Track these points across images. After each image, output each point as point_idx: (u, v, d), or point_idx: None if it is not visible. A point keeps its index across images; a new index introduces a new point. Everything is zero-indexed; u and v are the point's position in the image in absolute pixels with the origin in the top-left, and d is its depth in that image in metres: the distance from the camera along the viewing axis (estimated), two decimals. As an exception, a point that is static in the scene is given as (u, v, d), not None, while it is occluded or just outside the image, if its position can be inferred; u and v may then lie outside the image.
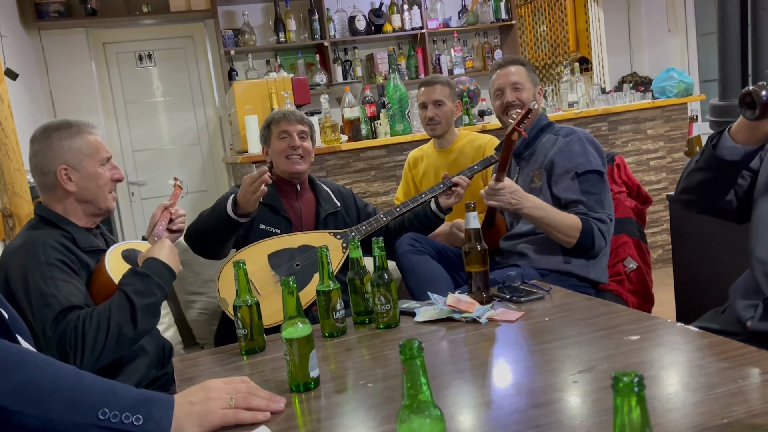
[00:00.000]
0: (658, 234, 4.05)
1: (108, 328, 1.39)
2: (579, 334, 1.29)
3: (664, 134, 4.05)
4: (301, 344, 1.14)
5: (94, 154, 1.59)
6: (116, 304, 1.43)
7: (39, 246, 1.48)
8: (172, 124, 5.17)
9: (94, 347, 1.37)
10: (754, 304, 1.36)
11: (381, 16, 5.18)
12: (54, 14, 4.59)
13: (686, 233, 2.36)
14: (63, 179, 1.55)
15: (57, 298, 1.40)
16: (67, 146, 1.55)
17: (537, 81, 2.19)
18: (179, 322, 2.32)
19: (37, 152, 1.56)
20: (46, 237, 1.51)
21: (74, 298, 1.43)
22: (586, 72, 6.32)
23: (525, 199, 1.90)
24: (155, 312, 1.50)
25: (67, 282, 1.45)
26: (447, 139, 2.59)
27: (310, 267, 1.98)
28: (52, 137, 1.55)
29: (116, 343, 1.41)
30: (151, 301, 1.47)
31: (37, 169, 1.57)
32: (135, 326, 1.43)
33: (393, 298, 1.47)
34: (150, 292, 1.47)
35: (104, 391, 0.97)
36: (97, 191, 1.59)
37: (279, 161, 2.16)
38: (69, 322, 1.38)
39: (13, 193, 2.60)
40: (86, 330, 1.38)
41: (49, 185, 1.57)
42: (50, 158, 1.55)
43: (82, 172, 1.57)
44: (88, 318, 1.39)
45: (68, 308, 1.40)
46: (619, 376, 0.61)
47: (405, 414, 0.78)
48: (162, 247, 1.57)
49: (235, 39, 4.97)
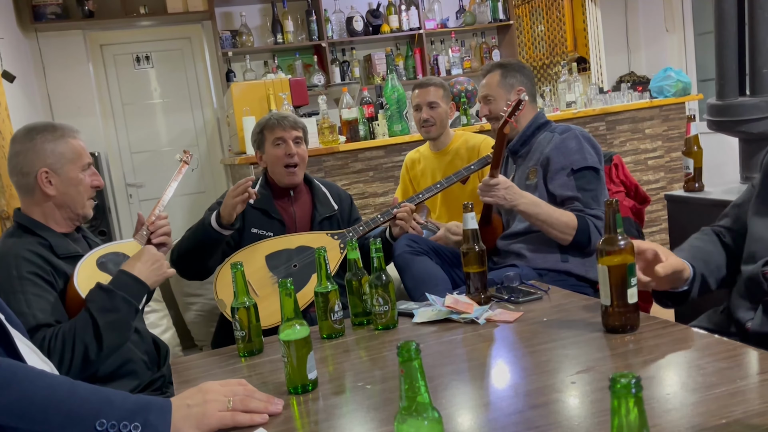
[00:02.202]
0: (657, 233, 4.05)
1: (73, 347, 1.37)
2: (577, 334, 1.29)
3: (662, 134, 4.06)
4: (299, 346, 1.14)
5: (77, 159, 1.57)
6: (81, 323, 1.40)
7: (11, 259, 1.45)
8: (170, 126, 5.16)
9: (61, 368, 1.35)
10: (753, 306, 1.36)
11: (378, 16, 5.18)
12: (51, 16, 4.58)
13: (684, 233, 2.35)
14: (43, 182, 1.52)
15: (26, 316, 1.38)
16: (50, 149, 1.53)
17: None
18: (177, 324, 2.31)
19: (18, 152, 1.54)
20: (20, 248, 1.48)
21: (42, 315, 1.40)
22: (584, 72, 6.33)
23: (520, 196, 1.90)
24: (123, 327, 1.45)
25: (39, 297, 1.42)
26: (442, 140, 2.59)
27: (307, 268, 1.98)
28: (36, 139, 1.53)
29: (82, 362, 1.38)
30: (116, 317, 1.43)
31: (17, 170, 1.54)
32: (100, 344, 1.39)
33: (391, 299, 1.47)
34: (114, 307, 1.43)
35: (100, 401, 0.97)
36: (76, 197, 1.57)
37: (275, 170, 2.15)
38: (36, 341, 1.34)
39: (11, 195, 2.60)
40: (52, 351, 1.35)
41: (28, 187, 1.54)
42: (32, 160, 1.52)
43: (63, 176, 1.54)
44: (53, 338, 1.37)
45: (35, 327, 1.37)
46: (616, 377, 0.61)
47: (403, 416, 0.78)
48: (138, 259, 1.53)
49: (233, 40, 4.96)
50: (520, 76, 2.14)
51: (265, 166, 2.21)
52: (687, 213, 2.35)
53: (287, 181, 2.15)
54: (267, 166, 2.20)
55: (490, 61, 3.69)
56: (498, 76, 2.13)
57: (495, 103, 2.12)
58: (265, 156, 2.18)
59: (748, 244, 1.40)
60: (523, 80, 2.14)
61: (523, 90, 2.11)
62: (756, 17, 2.32)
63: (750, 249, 1.39)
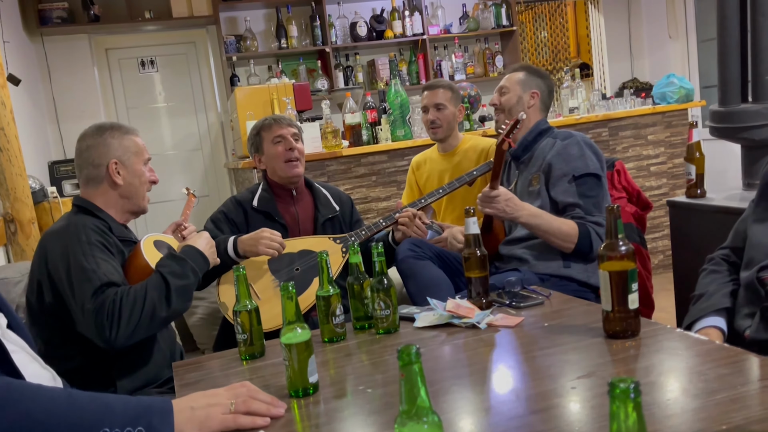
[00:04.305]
0: (659, 240, 4.05)
1: (144, 305, 1.48)
2: (578, 339, 1.29)
3: (665, 140, 4.06)
4: (300, 349, 1.15)
5: (141, 153, 1.72)
6: (153, 284, 1.52)
7: (80, 227, 1.57)
8: (175, 130, 5.18)
9: (129, 322, 1.45)
10: (751, 313, 1.36)
11: (382, 22, 5.20)
12: (57, 20, 4.61)
13: (687, 239, 2.36)
14: (113, 172, 1.66)
15: (97, 273, 1.48)
16: (118, 143, 1.69)
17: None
18: (180, 327, 2.32)
19: (90, 146, 1.68)
20: (85, 221, 1.60)
21: (112, 276, 1.51)
22: (587, 78, 6.34)
23: (521, 208, 1.89)
24: (188, 295, 1.59)
25: (106, 261, 1.54)
26: (450, 143, 2.60)
27: (309, 271, 1.98)
28: (105, 134, 1.68)
29: (150, 320, 1.49)
30: (185, 283, 1.57)
31: (88, 162, 1.67)
32: (169, 305, 1.52)
33: (392, 304, 1.47)
34: (185, 274, 1.57)
35: (100, 410, 0.97)
36: (139, 188, 1.71)
37: (277, 166, 2.16)
38: (107, 297, 1.46)
39: (15, 198, 2.61)
40: (123, 305, 1.46)
41: (97, 178, 1.67)
42: (103, 152, 1.67)
43: (129, 168, 1.69)
44: (125, 294, 1.48)
45: (107, 284, 1.48)
46: (616, 382, 0.61)
47: (403, 420, 0.78)
48: (200, 237, 1.71)
49: (237, 45, 4.98)
50: (541, 82, 2.17)
51: (264, 168, 2.21)
52: (689, 219, 2.35)
53: (290, 173, 2.15)
54: (266, 168, 2.21)
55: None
56: (521, 74, 2.18)
57: (507, 95, 2.16)
58: (265, 156, 2.19)
59: (747, 251, 1.41)
60: (541, 86, 2.17)
61: (538, 94, 2.14)
62: (758, 24, 2.32)
63: (749, 255, 1.39)
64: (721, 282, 1.48)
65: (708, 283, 1.50)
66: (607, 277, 1.23)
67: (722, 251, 1.56)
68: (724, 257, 1.54)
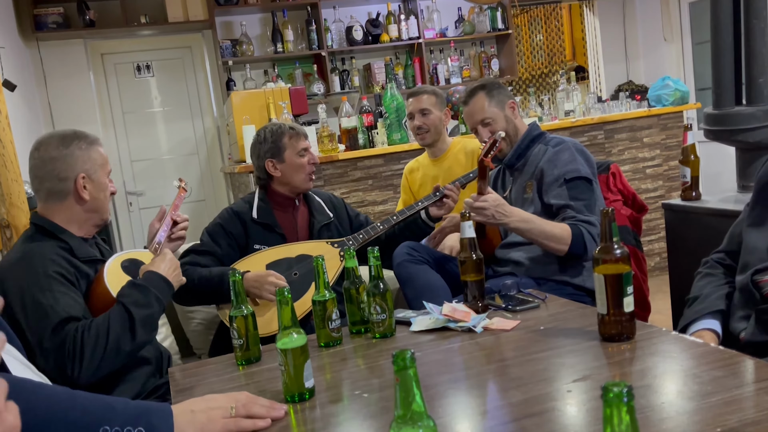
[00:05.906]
0: (655, 242, 4.06)
1: (107, 339, 1.40)
2: (574, 343, 1.29)
3: (660, 142, 4.07)
4: (296, 354, 1.15)
5: (105, 165, 1.63)
6: (115, 316, 1.44)
7: (36, 258, 1.48)
8: (171, 134, 5.18)
9: (93, 358, 1.38)
10: (746, 316, 1.36)
11: (378, 26, 5.21)
12: (52, 25, 4.61)
13: (682, 241, 2.37)
14: (80, 187, 1.57)
15: (55, 309, 1.41)
16: (86, 155, 1.58)
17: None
18: (176, 332, 2.31)
19: (54, 158, 1.56)
20: (43, 249, 1.51)
21: (72, 310, 1.43)
22: (583, 81, 6.36)
23: (510, 213, 1.85)
24: (153, 324, 1.51)
25: (65, 294, 1.45)
26: (439, 147, 2.61)
27: (307, 276, 1.98)
28: (72, 145, 1.57)
29: (115, 355, 1.41)
30: (149, 313, 1.48)
31: (52, 175, 1.56)
32: (133, 338, 1.44)
33: (389, 308, 1.47)
34: (148, 303, 1.48)
35: (101, 408, 0.97)
36: (104, 201, 1.63)
37: (297, 178, 2.13)
38: (67, 333, 1.38)
39: (10, 204, 2.60)
40: (85, 341, 1.38)
41: (62, 192, 1.57)
42: (70, 165, 1.56)
43: (96, 182, 1.60)
44: (86, 329, 1.40)
45: (66, 319, 1.40)
46: (609, 386, 0.61)
47: (398, 424, 0.78)
48: (162, 260, 1.58)
49: (233, 49, 4.99)
50: (504, 91, 2.14)
51: (279, 175, 2.14)
52: (684, 222, 2.36)
53: (308, 186, 2.18)
54: (281, 175, 2.13)
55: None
56: (484, 97, 2.11)
57: (495, 123, 2.09)
58: (286, 165, 2.12)
59: (742, 255, 1.41)
60: (508, 93, 2.15)
61: (515, 103, 2.13)
62: (751, 27, 2.33)
63: (744, 259, 1.40)
64: (716, 285, 1.49)
65: (703, 285, 1.51)
66: (602, 281, 1.24)
67: (717, 255, 1.57)
68: (719, 260, 1.55)
